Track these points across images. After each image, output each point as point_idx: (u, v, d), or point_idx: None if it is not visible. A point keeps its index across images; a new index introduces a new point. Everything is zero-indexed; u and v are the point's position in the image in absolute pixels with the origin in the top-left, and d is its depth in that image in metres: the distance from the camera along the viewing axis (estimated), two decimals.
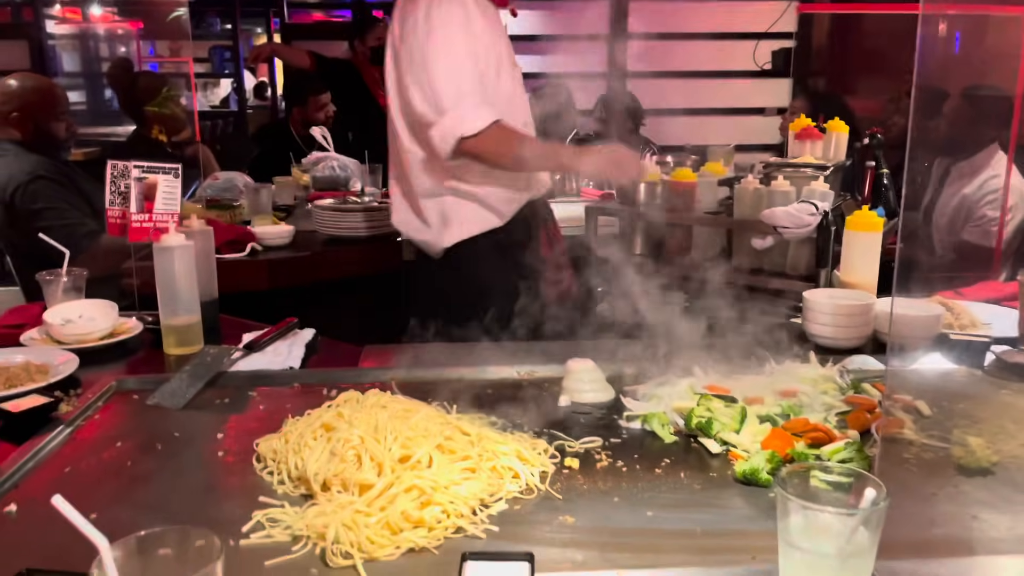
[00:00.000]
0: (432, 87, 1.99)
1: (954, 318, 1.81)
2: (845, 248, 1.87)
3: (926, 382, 1.59)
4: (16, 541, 1.04)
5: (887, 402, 1.38)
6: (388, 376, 1.58)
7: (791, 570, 0.81)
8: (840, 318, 1.69)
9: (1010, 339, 1.69)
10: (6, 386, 1.46)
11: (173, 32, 7.57)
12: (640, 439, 1.33)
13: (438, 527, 1.02)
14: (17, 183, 2.70)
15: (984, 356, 1.63)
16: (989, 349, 1.65)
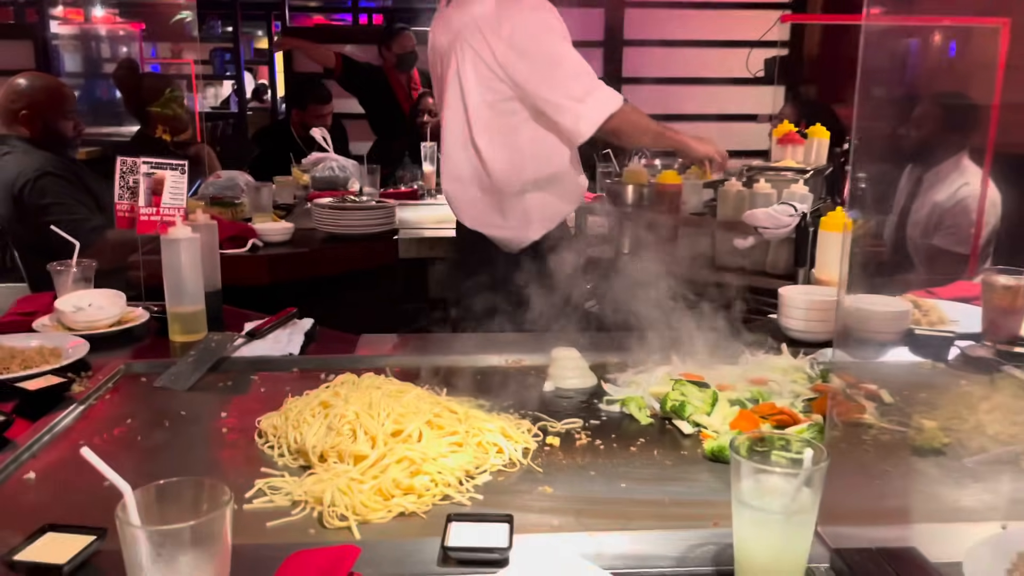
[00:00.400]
0: (564, 77, 2.16)
1: (923, 315, 1.90)
2: (820, 247, 1.96)
3: (892, 373, 1.68)
4: (35, 503, 1.13)
5: (851, 390, 1.47)
6: (383, 363, 1.66)
7: (742, 527, 0.90)
8: (812, 312, 1.78)
9: (974, 335, 1.78)
10: (22, 367, 1.54)
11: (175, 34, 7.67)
12: (618, 421, 1.42)
13: (427, 494, 1.11)
14: (26, 179, 2.78)
15: (948, 350, 1.72)
16: (953, 344, 1.74)
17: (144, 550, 0.73)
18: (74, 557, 0.91)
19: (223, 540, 0.77)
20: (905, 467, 1.24)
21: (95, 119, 7.65)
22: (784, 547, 0.88)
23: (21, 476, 1.19)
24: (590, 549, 0.98)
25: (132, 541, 0.73)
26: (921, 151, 2.71)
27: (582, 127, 2.18)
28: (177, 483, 0.80)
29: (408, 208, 3.64)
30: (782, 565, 0.89)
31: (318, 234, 2.97)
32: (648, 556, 0.98)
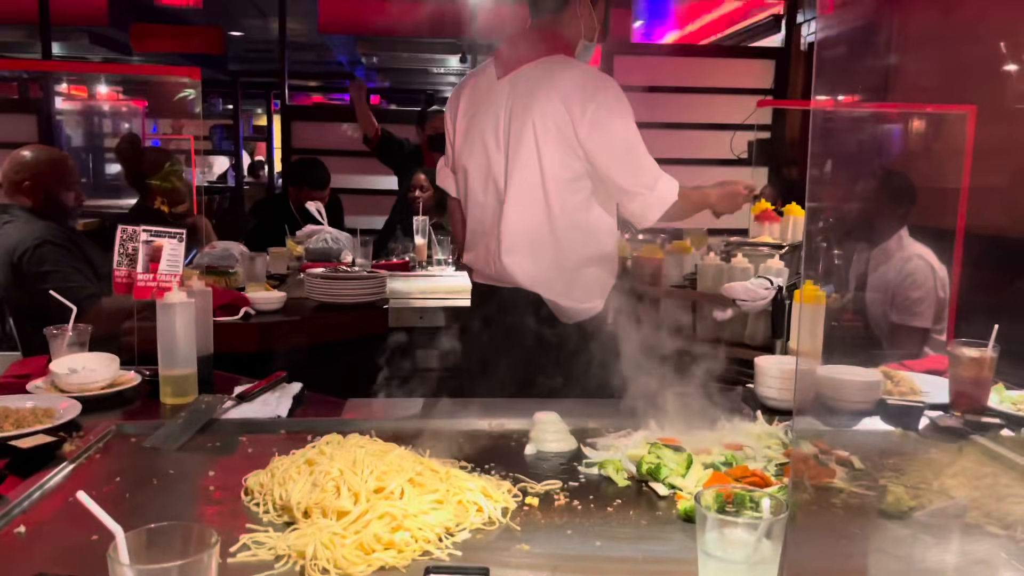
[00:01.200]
0: (638, 165, 2.24)
1: (895, 386, 1.96)
2: (793, 319, 2.03)
3: (864, 440, 1.73)
4: (26, 555, 1.15)
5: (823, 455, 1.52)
6: (369, 426, 1.70)
7: None
8: (787, 381, 1.84)
9: (943, 405, 1.84)
10: (14, 426, 1.58)
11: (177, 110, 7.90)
12: (597, 483, 1.46)
13: (407, 549, 1.14)
14: (25, 247, 2.85)
15: (919, 420, 1.78)
16: (923, 413, 1.79)
17: None
18: None
19: None
20: (872, 529, 1.28)
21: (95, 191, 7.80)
22: None
23: (12, 530, 1.22)
24: None
25: None
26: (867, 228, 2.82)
27: (649, 215, 2.25)
28: (166, 527, 0.84)
29: (399, 279, 3.72)
30: None
31: (310, 303, 3.04)
32: None
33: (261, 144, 12.03)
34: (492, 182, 2.33)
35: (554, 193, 2.27)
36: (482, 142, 2.35)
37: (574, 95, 2.22)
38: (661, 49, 7.01)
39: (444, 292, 3.36)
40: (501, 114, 2.31)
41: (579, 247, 2.32)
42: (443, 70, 10.13)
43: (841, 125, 1.15)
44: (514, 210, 2.30)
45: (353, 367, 2.85)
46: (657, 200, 2.23)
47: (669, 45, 7.81)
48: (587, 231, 2.31)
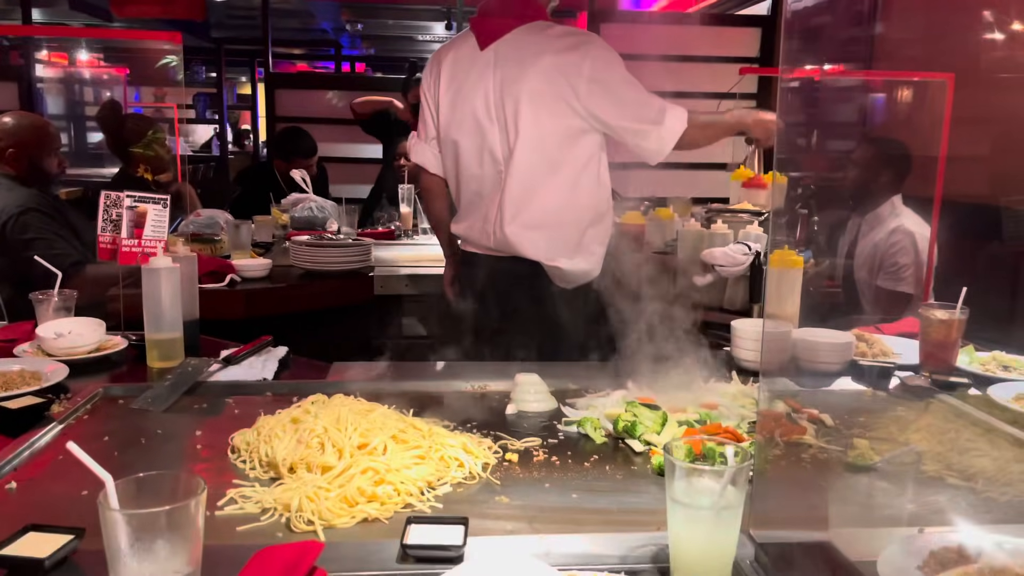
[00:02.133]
0: (641, 104, 2.28)
1: (868, 347, 2.01)
2: (769, 283, 2.07)
3: (835, 400, 1.78)
4: (17, 509, 1.19)
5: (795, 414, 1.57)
6: (353, 388, 1.74)
7: (676, 524, 0.98)
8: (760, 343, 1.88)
9: (913, 366, 1.90)
10: (2, 388, 1.60)
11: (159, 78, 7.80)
12: (575, 441, 1.50)
13: (389, 502, 1.18)
14: (9, 215, 2.85)
15: (889, 380, 1.83)
16: (893, 374, 1.85)
17: (123, 534, 0.80)
18: (54, 553, 0.97)
19: (197, 527, 0.84)
20: (837, 481, 1.33)
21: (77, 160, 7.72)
22: (713, 542, 0.96)
23: (2, 486, 1.25)
24: (540, 549, 1.06)
25: (112, 525, 0.80)
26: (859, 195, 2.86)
27: (664, 148, 2.30)
28: (155, 476, 0.87)
29: (384, 247, 3.73)
30: (711, 558, 0.97)
31: (295, 271, 3.06)
32: (593, 555, 1.06)
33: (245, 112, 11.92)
34: (488, 154, 2.34)
35: (555, 159, 2.30)
36: (473, 115, 2.35)
37: (566, 57, 2.25)
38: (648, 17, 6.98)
39: (429, 260, 3.38)
40: (490, 86, 2.32)
41: (581, 209, 2.35)
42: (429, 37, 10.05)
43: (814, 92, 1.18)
44: (516, 181, 2.32)
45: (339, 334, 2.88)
46: (668, 132, 2.28)
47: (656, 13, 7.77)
48: (588, 192, 2.34)
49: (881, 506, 1.24)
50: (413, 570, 1.01)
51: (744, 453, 0.97)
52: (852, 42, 2.97)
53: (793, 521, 1.13)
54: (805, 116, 1.53)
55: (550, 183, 2.31)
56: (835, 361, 1.87)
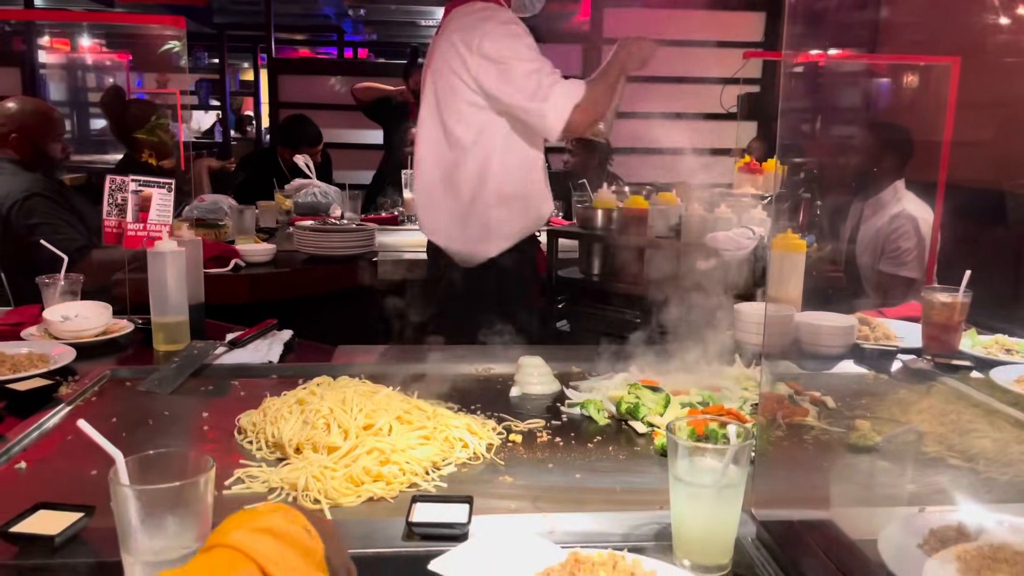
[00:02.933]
0: (528, 80, 2.24)
1: (871, 331, 2.02)
2: (771, 267, 2.08)
3: (838, 382, 1.78)
4: (27, 488, 1.20)
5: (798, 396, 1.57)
6: (358, 371, 1.74)
7: (678, 502, 0.99)
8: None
9: (916, 349, 1.90)
10: (11, 371, 1.62)
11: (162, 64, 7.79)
12: (579, 422, 1.51)
13: (395, 482, 1.20)
14: (14, 200, 2.85)
15: (891, 363, 1.84)
16: (896, 357, 1.85)
17: (134, 510, 0.82)
18: (65, 530, 0.99)
19: (206, 503, 0.85)
20: (839, 461, 1.34)
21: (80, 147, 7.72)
22: (715, 519, 0.97)
23: (12, 466, 1.26)
24: (544, 527, 1.07)
25: (123, 501, 0.82)
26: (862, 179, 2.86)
27: (549, 124, 2.26)
28: (164, 453, 0.89)
29: (388, 233, 3.74)
30: (713, 536, 0.98)
31: (299, 256, 3.07)
32: (596, 533, 1.07)
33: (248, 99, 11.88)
34: None
35: (453, 140, 2.33)
36: None
37: (464, 35, 2.29)
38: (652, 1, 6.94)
39: None
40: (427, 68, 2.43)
41: (482, 191, 2.35)
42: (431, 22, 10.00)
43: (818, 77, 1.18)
44: (420, 165, 2.42)
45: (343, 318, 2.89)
46: (552, 109, 2.24)
47: None
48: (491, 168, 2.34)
49: (882, 486, 1.25)
50: (418, 547, 1.02)
51: (746, 432, 0.97)
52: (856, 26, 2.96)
53: (795, 500, 1.14)
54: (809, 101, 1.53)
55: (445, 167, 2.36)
56: (837, 344, 1.88)
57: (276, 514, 0.72)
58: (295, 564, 0.69)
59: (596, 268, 2.66)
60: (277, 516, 0.72)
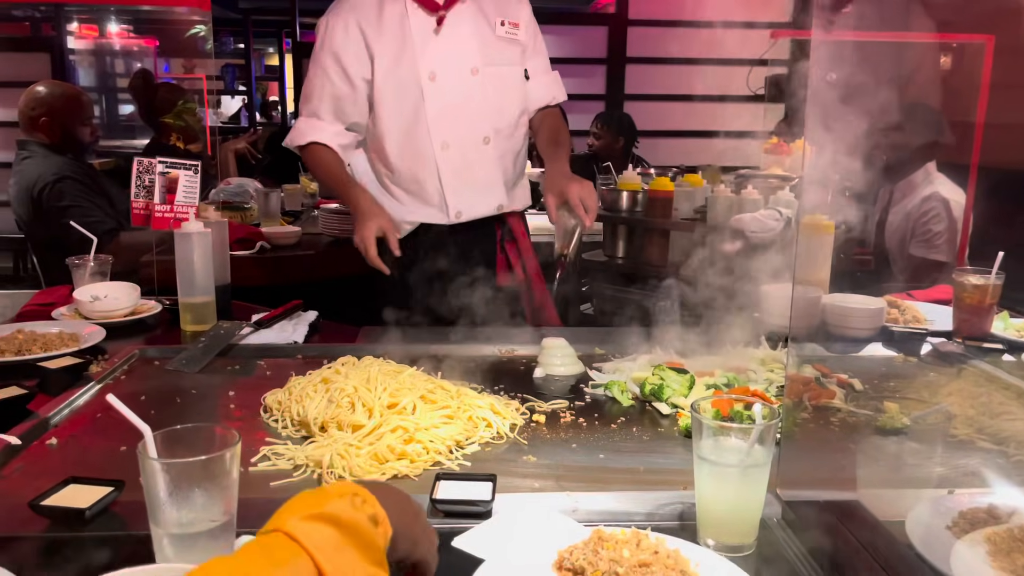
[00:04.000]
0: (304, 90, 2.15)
1: (900, 314, 1.99)
2: (799, 248, 2.05)
3: (866, 365, 1.76)
4: (58, 463, 1.22)
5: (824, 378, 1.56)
6: (382, 351, 1.75)
7: (703, 482, 0.98)
8: None
9: (946, 332, 1.87)
10: (43, 350, 1.64)
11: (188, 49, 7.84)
12: (602, 403, 1.51)
13: (419, 460, 1.20)
14: (44, 182, 2.89)
15: (921, 346, 1.81)
16: (926, 340, 1.83)
17: (162, 483, 0.83)
18: (95, 503, 1.00)
19: (232, 477, 0.86)
20: (867, 443, 1.33)
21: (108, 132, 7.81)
22: (740, 499, 0.97)
23: (44, 441, 1.29)
24: (567, 505, 1.07)
25: (152, 474, 0.83)
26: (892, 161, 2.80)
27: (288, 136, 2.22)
28: (191, 428, 0.89)
29: None
30: (738, 516, 0.97)
31: (324, 238, 3.08)
32: (620, 512, 1.06)
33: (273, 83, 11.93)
34: None
35: None
36: None
37: None
38: None
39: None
40: None
41: None
42: None
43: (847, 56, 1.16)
44: None
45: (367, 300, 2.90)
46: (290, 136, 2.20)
47: None
48: None
49: (910, 467, 1.23)
50: (442, 524, 1.03)
51: (772, 411, 0.97)
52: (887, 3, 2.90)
53: (821, 481, 1.13)
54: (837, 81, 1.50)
55: None
56: (866, 327, 1.85)
57: (343, 499, 0.69)
58: (351, 560, 0.65)
59: (621, 250, 2.65)
60: (344, 502, 0.68)
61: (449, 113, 2.05)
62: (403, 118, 2.05)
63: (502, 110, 2.13)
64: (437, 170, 2.07)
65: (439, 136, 2.05)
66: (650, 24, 6.32)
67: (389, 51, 2.02)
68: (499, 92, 2.11)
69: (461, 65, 2.05)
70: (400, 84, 2.03)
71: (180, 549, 0.83)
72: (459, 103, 2.06)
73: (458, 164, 2.08)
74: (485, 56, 2.08)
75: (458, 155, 2.07)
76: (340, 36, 2.04)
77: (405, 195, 2.14)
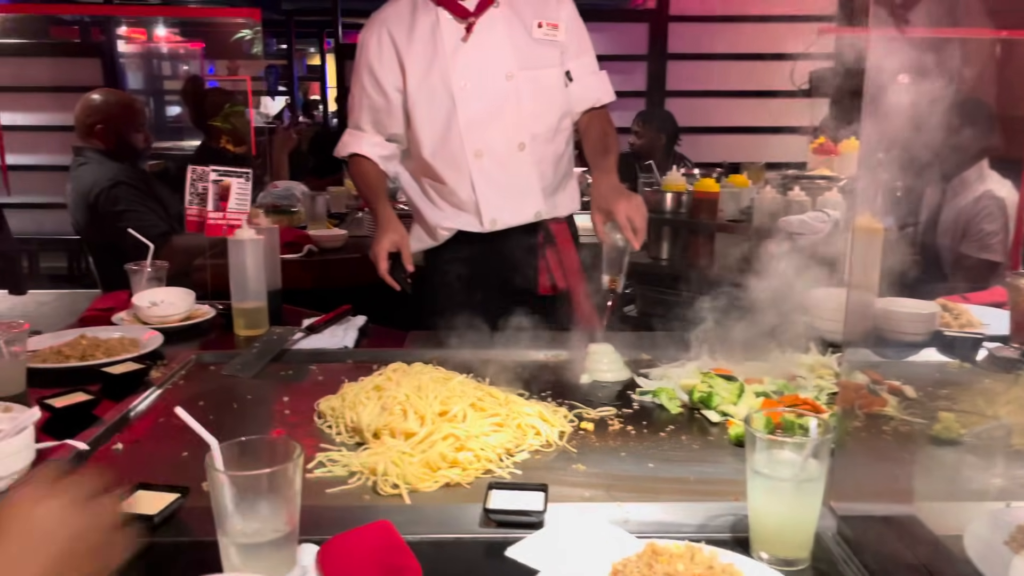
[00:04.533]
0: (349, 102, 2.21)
1: (953, 318, 1.96)
2: (848, 251, 2.02)
3: (919, 371, 1.74)
4: (124, 469, 1.27)
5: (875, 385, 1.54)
6: (429, 356, 1.77)
7: (756, 496, 0.99)
8: (841, 313, 1.84)
9: (1003, 337, 1.83)
10: (105, 355, 1.70)
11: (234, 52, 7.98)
12: (650, 411, 1.51)
13: (470, 468, 1.22)
14: (100, 188, 2.98)
15: (976, 351, 1.78)
16: (981, 345, 1.79)
17: (228, 494, 0.86)
18: (163, 510, 1.04)
19: (295, 488, 0.89)
20: (921, 454, 1.31)
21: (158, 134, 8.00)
22: (794, 514, 0.97)
23: (110, 447, 1.33)
24: (618, 516, 1.08)
25: (219, 486, 0.86)
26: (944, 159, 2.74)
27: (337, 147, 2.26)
28: (255, 440, 0.93)
29: None
30: (792, 530, 0.97)
31: (370, 241, 3.11)
32: (671, 524, 1.07)
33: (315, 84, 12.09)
34: None
35: None
36: None
37: None
38: None
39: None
40: None
41: None
42: None
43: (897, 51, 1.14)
44: None
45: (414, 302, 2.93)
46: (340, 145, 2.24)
47: None
48: None
49: (966, 480, 1.22)
50: (495, 534, 1.05)
51: (826, 425, 0.96)
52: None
53: (876, 494, 1.12)
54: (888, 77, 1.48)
55: None
56: (918, 332, 1.82)
57: None
58: None
59: (665, 252, 2.64)
60: None
61: (481, 121, 2.04)
62: (436, 127, 2.05)
63: (539, 115, 2.10)
64: (471, 178, 2.07)
65: (472, 144, 2.05)
66: (691, 20, 6.26)
67: (420, 61, 2.03)
68: (535, 97, 2.08)
69: (494, 71, 2.04)
70: (432, 93, 2.03)
71: (246, 558, 0.86)
72: (491, 110, 2.04)
73: (492, 172, 2.07)
74: (520, 60, 2.05)
75: (492, 163, 2.06)
76: (374, 48, 2.08)
77: (442, 202, 2.14)
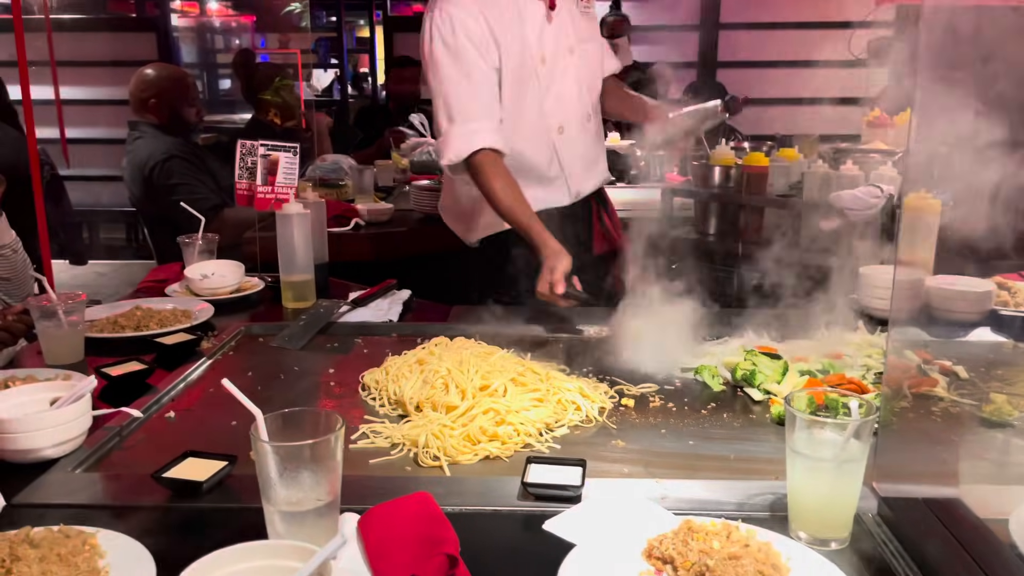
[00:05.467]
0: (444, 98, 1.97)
1: (1010, 296, 1.90)
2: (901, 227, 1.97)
3: (972, 351, 1.69)
4: (176, 436, 1.31)
5: (926, 365, 1.51)
6: (473, 330, 1.79)
7: (796, 475, 0.98)
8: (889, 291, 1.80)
9: None
10: (159, 326, 1.75)
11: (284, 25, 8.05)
12: (692, 388, 1.50)
13: (510, 442, 1.23)
14: (155, 161, 3.05)
15: None
16: None
17: (273, 463, 0.88)
18: (211, 477, 1.08)
19: (336, 459, 0.91)
20: (971, 437, 1.28)
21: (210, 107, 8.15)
22: (834, 494, 0.96)
23: (163, 415, 1.38)
24: (656, 492, 1.08)
25: (264, 456, 0.88)
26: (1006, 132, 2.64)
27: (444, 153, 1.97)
28: (299, 412, 0.95)
29: None
30: (832, 511, 0.96)
31: (416, 214, 3.14)
32: (710, 501, 1.07)
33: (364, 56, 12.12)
34: None
35: None
36: None
37: None
38: None
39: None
40: None
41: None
42: None
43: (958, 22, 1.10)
44: None
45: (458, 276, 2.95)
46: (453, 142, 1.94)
47: None
48: None
49: (1016, 464, 1.19)
50: (533, 507, 1.06)
51: (869, 406, 0.95)
52: None
53: (920, 475, 1.10)
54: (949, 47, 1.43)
55: None
56: (972, 310, 1.77)
57: None
58: None
59: (712, 228, 2.60)
60: None
61: (559, 96, 2.09)
62: (520, 105, 2.04)
63: (593, 87, 2.18)
64: (556, 154, 2.11)
65: (555, 120, 2.09)
66: None
67: (513, 41, 2.01)
68: (590, 69, 2.16)
69: (563, 46, 2.07)
70: (517, 71, 2.03)
71: (290, 526, 0.89)
72: (566, 85, 2.09)
73: (573, 144, 2.13)
74: (577, 34, 2.10)
75: (571, 136, 2.12)
76: (473, 25, 1.96)
77: (524, 182, 2.01)
